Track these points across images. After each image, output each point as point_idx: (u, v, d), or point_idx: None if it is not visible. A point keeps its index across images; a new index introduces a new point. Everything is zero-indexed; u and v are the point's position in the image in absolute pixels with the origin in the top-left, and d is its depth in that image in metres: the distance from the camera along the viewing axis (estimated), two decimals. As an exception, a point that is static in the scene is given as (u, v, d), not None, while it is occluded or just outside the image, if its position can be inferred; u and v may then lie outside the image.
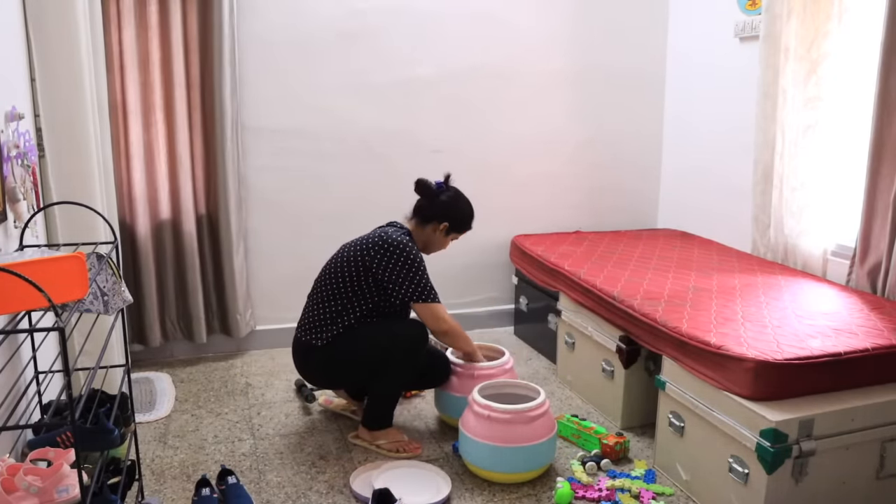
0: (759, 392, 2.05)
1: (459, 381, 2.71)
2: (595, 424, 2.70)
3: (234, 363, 3.48)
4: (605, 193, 4.09)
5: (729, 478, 2.14)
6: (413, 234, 2.70)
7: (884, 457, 2.14)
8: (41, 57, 2.50)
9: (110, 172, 2.93)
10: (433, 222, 2.69)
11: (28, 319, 2.01)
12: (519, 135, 3.87)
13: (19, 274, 1.39)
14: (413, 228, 2.72)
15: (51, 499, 1.57)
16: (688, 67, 3.87)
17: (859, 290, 2.77)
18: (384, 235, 2.59)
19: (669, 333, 2.38)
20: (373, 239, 2.59)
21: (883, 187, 2.65)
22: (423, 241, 2.74)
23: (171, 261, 3.37)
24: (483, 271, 3.94)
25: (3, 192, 2.02)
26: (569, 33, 3.84)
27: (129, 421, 2.17)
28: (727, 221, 3.64)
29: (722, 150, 3.65)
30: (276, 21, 3.39)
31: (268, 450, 2.64)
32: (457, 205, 2.72)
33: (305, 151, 3.55)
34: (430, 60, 3.64)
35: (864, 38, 2.84)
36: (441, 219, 2.69)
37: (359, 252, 2.58)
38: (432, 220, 2.69)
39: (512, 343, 3.79)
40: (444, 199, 2.70)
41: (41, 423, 1.98)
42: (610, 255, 3.36)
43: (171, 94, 3.22)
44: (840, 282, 2.89)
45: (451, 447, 2.65)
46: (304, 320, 2.64)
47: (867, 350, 2.15)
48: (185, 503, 2.29)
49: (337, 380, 2.71)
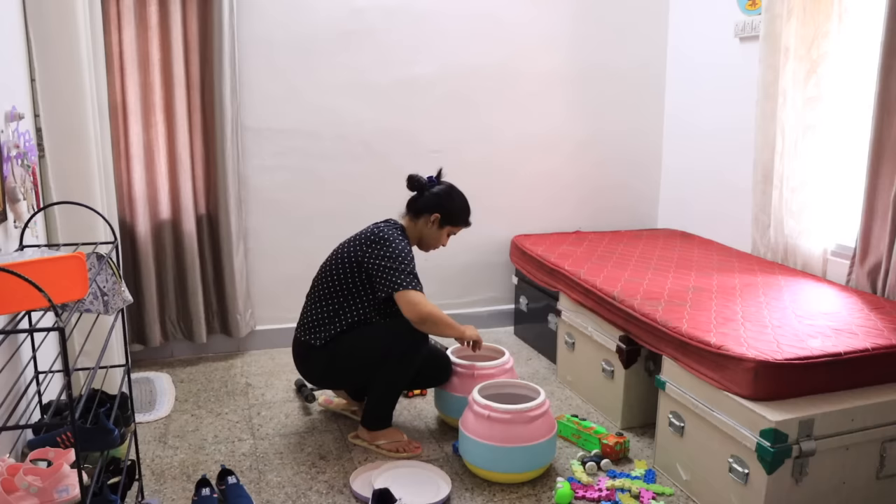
0: (759, 392, 2.05)
1: (459, 381, 2.71)
2: (595, 424, 2.70)
3: (234, 363, 3.48)
4: (605, 193, 4.09)
5: (729, 478, 2.14)
6: (407, 230, 2.70)
7: (884, 457, 2.14)
8: (41, 57, 2.50)
9: (110, 172, 2.93)
10: (424, 215, 2.68)
11: (28, 319, 2.01)
12: (519, 134, 3.87)
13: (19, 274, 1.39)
14: (407, 224, 2.71)
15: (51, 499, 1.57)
16: (688, 67, 3.87)
17: (859, 290, 2.77)
18: (374, 229, 2.60)
19: (669, 333, 2.38)
20: (363, 234, 2.61)
21: (883, 187, 2.65)
22: (417, 237, 2.73)
23: (171, 261, 3.37)
24: (483, 271, 3.94)
25: (3, 192, 2.02)
26: (569, 33, 3.84)
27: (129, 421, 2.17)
28: (727, 221, 3.64)
29: (722, 150, 3.65)
30: (277, 21, 3.39)
31: (268, 450, 2.64)
32: (448, 196, 2.70)
33: (305, 151, 3.55)
34: (430, 60, 3.65)
35: (864, 38, 2.84)
36: (432, 210, 2.67)
37: (350, 248, 2.59)
38: (423, 212, 2.68)
39: (512, 343, 3.79)
40: (434, 192, 2.69)
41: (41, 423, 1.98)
42: (610, 255, 3.36)
43: (171, 95, 3.22)
44: (840, 282, 2.89)
45: (451, 447, 2.65)
46: (303, 320, 2.65)
47: (867, 350, 2.15)
48: (185, 503, 2.29)
49: (336, 380, 2.71)
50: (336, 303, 2.57)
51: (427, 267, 3.69)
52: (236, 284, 3.43)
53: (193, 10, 3.18)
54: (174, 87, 3.21)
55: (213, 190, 3.37)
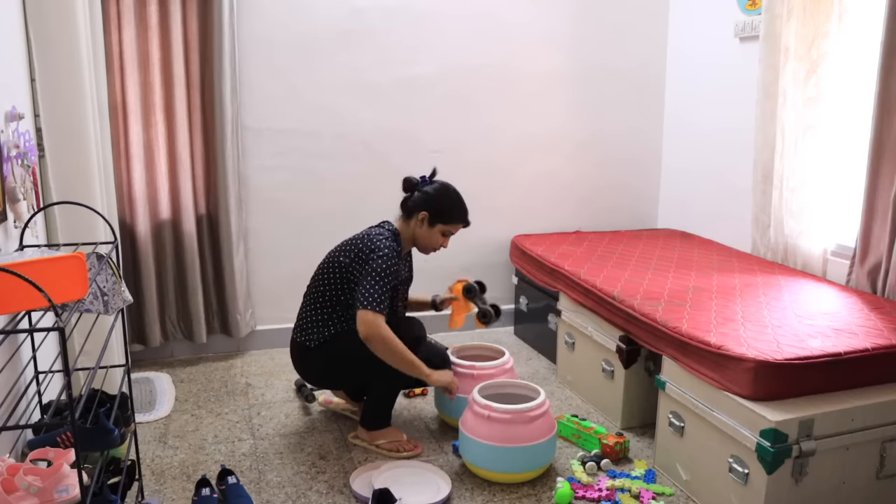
0: (758, 392, 2.05)
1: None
2: (595, 424, 2.70)
3: (234, 363, 3.48)
4: (605, 193, 4.09)
5: (729, 478, 2.14)
6: (401, 233, 2.65)
7: (884, 457, 2.14)
8: (41, 57, 2.50)
9: (110, 172, 2.93)
10: (415, 214, 2.63)
11: (28, 319, 2.01)
12: (519, 134, 3.87)
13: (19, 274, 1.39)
14: (400, 226, 2.66)
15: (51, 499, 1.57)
16: (688, 67, 3.87)
17: (859, 290, 2.77)
18: (365, 238, 2.56)
19: (669, 333, 2.38)
20: (356, 241, 2.57)
21: (883, 187, 2.65)
22: (411, 238, 2.67)
23: (171, 261, 3.37)
24: (483, 271, 3.94)
25: (3, 192, 2.02)
26: (569, 33, 3.84)
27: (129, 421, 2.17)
28: (727, 221, 3.64)
29: (722, 150, 3.65)
30: (277, 21, 3.39)
31: (268, 450, 2.64)
32: (437, 193, 2.62)
33: (305, 151, 3.55)
34: (430, 60, 3.65)
35: (864, 38, 2.84)
36: (420, 208, 2.61)
37: (342, 255, 2.57)
38: (413, 212, 2.63)
39: (512, 343, 3.79)
40: (425, 190, 2.63)
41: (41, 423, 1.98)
42: (610, 255, 3.36)
43: (171, 94, 3.22)
44: (840, 282, 2.89)
45: (451, 447, 2.65)
46: (299, 321, 2.65)
47: (867, 350, 2.15)
48: (185, 503, 2.29)
49: (334, 380, 2.71)
50: (329, 306, 2.57)
51: (427, 268, 3.69)
52: (236, 284, 3.43)
53: (193, 9, 3.18)
54: (174, 86, 3.21)
55: (213, 190, 3.37)
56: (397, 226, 2.67)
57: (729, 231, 3.62)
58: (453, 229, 2.67)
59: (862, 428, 2.07)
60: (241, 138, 3.41)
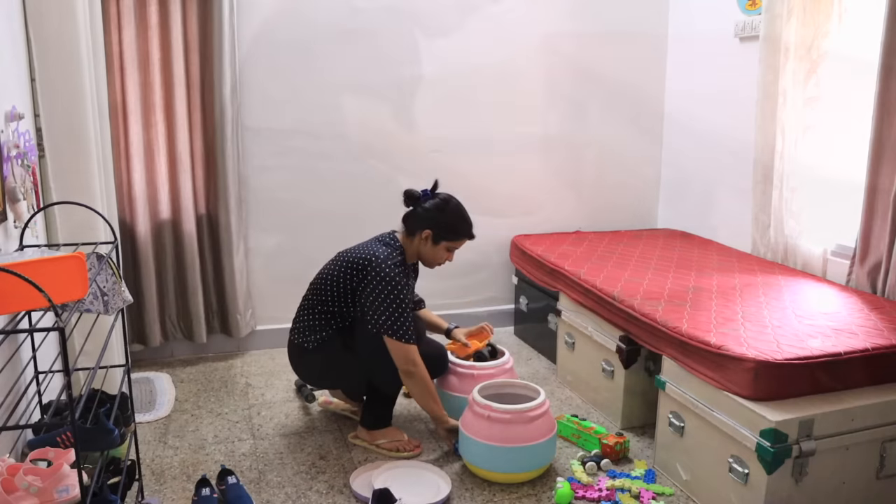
0: (758, 392, 2.05)
1: (459, 381, 2.71)
2: (595, 424, 2.70)
3: (234, 363, 3.48)
4: (604, 193, 4.09)
5: (729, 478, 2.14)
6: (405, 248, 2.61)
7: (884, 457, 2.14)
8: (41, 57, 2.50)
9: (110, 172, 2.93)
10: (418, 232, 2.59)
11: (28, 319, 2.01)
12: (519, 134, 3.86)
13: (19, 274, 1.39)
14: (403, 240, 2.62)
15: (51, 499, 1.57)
16: (688, 67, 3.87)
17: (859, 290, 2.77)
18: (372, 258, 2.50)
19: (669, 333, 2.38)
20: (362, 258, 2.52)
21: (883, 187, 2.65)
22: (415, 254, 2.64)
23: (171, 261, 3.37)
24: (483, 271, 3.94)
25: (3, 192, 2.02)
26: (569, 33, 3.83)
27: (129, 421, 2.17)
28: (727, 221, 3.64)
29: (722, 150, 3.65)
30: (277, 21, 3.39)
31: (268, 450, 2.64)
32: (439, 211, 2.57)
33: (305, 151, 3.55)
34: (430, 60, 3.64)
35: (864, 38, 2.84)
36: (423, 226, 2.57)
37: (347, 269, 2.53)
38: (416, 229, 2.59)
39: (512, 343, 3.78)
40: (426, 207, 2.58)
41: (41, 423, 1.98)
42: (610, 255, 3.36)
43: (171, 94, 3.22)
44: (840, 282, 2.89)
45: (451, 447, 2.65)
46: (296, 323, 2.64)
47: (867, 350, 2.15)
48: (185, 503, 2.29)
49: (332, 381, 2.71)
50: (328, 312, 2.56)
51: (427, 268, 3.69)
52: (236, 284, 3.43)
53: (193, 9, 3.18)
54: (174, 86, 3.21)
55: (213, 190, 3.37)
56: (401, 240, 2.62)
57: (729, 231, 3.62)
58: (458, 245, 2.65)
59: (862, 428, 2.07)
60: (241, 138, 3.41)
